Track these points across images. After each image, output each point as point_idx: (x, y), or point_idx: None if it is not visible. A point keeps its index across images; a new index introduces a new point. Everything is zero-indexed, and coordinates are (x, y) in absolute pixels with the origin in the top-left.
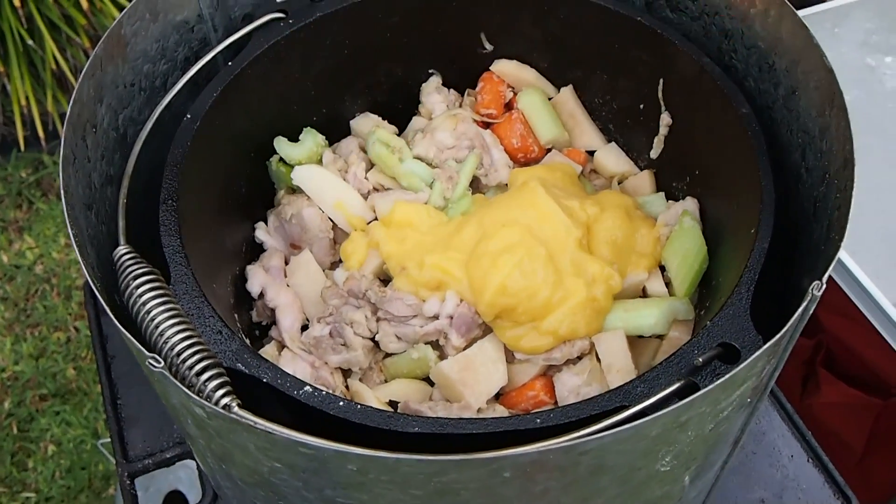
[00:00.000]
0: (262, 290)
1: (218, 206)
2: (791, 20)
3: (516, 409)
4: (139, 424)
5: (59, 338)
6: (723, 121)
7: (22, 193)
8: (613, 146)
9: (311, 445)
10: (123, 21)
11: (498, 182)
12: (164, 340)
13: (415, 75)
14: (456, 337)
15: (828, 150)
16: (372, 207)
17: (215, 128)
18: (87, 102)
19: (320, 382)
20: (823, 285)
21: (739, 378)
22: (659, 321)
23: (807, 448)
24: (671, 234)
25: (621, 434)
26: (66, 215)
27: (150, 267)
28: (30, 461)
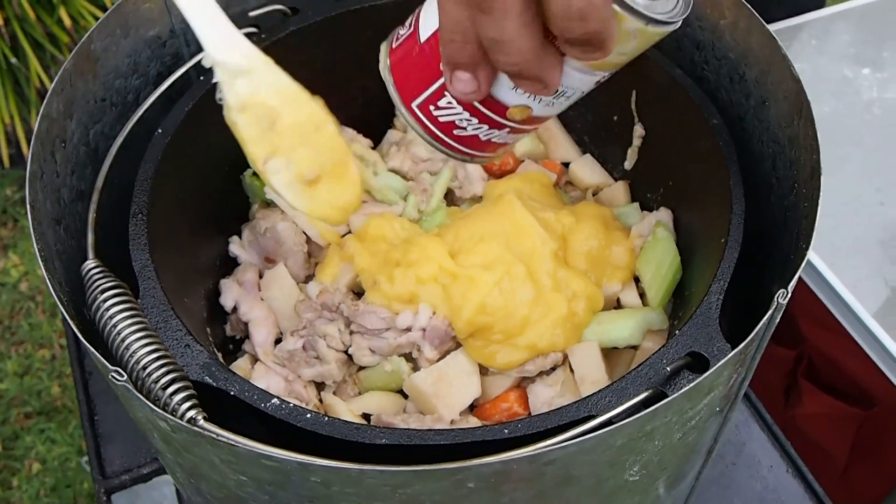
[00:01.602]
0: (235, 304)
1: (191, 221)
2: (759, 31)
3: (490, 420)
4: (116, 440)
5: (44, 355)
6: (695, 131)
7: (7, 211)
8: (588, 158)
9: (274, 458)
10: (94, 37)
11: (472, 195)
12: (130, 354)
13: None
14: (429, 349)
15: (796, 159)
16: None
17: (188, 142)
18: (56, 118)
19: (294, 396)
20: (788, 294)
21: (705, 387)
22: (633, 332)
23: (786, 459)
24: (645, 245)
25: (585, 444)
26: (32, 231)
27: (118, 281)
28: (14, 479)
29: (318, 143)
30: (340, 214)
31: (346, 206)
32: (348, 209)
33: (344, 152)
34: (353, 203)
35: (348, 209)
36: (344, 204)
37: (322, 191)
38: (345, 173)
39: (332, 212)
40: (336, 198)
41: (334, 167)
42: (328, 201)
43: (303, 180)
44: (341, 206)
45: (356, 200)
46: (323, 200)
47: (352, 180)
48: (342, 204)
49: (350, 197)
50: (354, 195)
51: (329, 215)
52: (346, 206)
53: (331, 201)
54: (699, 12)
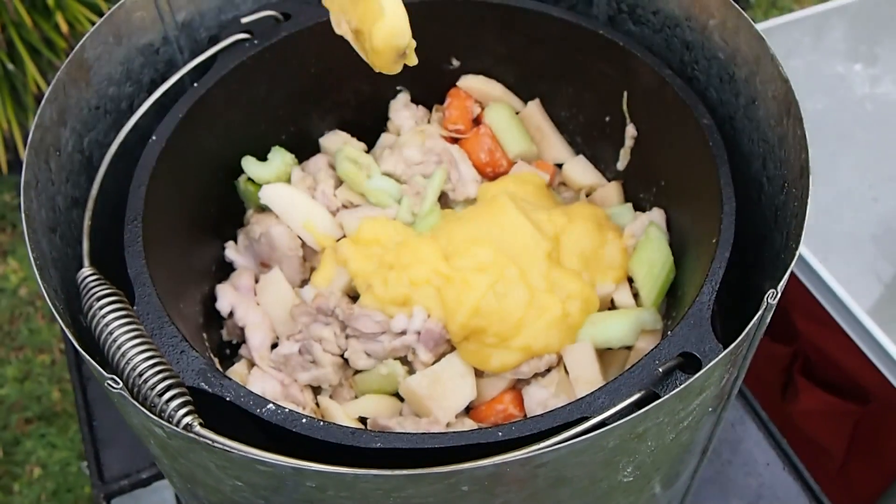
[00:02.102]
0: (231, 309)
1: (186, 226)
2: (747, 31)
3: (486, 422)
4: (115, 446)
5: (44, 360)
6: (686, 132)
7: (5, 217)
8: (581, 158)
9: (269, 463)
10: (86, 45)
11: (466, 197)
12: (126, 361)
13: (382, 92)
14: (424, 352)
15: (786, 158)
16: (340, 225)
17: (182, 148)
18: (49, 126)
19: (290, 400)
20: (778, 294)
21: (697, 387)
22: (627, 333)
23: (782, 456)
24: (638, 245)
25: (577, 445)
26: (27, 239)
27: (113, 288)
28: (15, 485)
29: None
30: (380, 59)
31: (381, 49)
32: (384, 51)
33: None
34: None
35: (384, 51)
36: (378, 45)
37: (364, 38)
38: (372, 10)
39: (375, 58)
40: (372, 41)
41: (364, 8)
42: (370, 49)
43: (354, 32)
44: (376, 49)
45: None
46: (367, 48)
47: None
48: (376, 46)
49: (378, 37)
50: (384, 33)
51: (375, 62)
52: (380, 48)
53: (371, 48)
54: (688, 13)
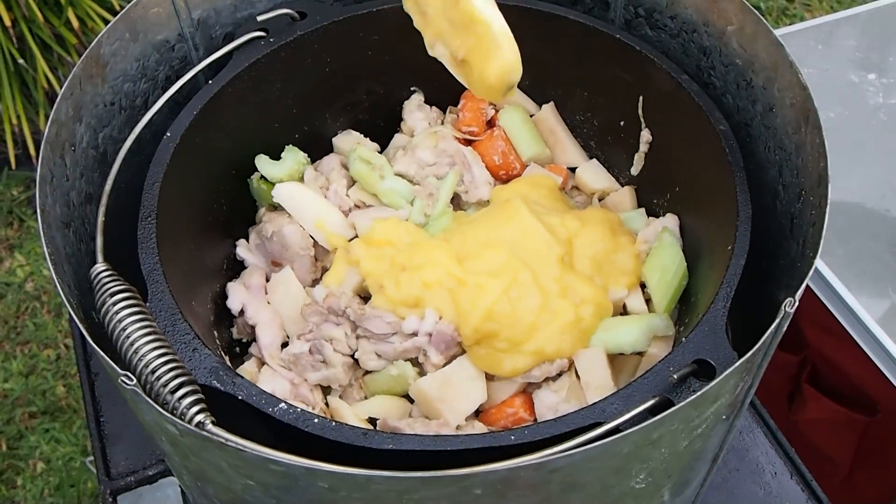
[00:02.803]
0: (242, 308)
1: (198, 224)
2: (766, 38)
3: (496, 426)
4: (122, 442)
5: (49, 355)
6: (701, 137)
7: (13, 211)
8: (594, 163)
9: (282, 462)
10: (103, 41)
11: (478, 199)
12: (139, 358)
13: (396, 93)
14: (435, 354)
15: (803, 166)
16: (352, 225)
17: (196, 146)
18: (65, 122)
19: (300, 399)
20: (796, 302)
21: (712, 395)
22: (639, 338)
23: (790, 465)
24: (651, 251)
25: (591, 451)
26: (42, 234)
27: (126, 285)
28: (18, 479)
29: (457, 19)
30: (490, 92)
31: (494, 84)
32: (497, 86)
33: (482, 25)
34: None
35: (497, 86)
36: (491, 81)
37: (473, 69)
38: (486, 47)
39: (484, 90)
40: (484, 75)
41: (477, 46)
42: (478, 80)
43: (456, 61)
44: (489, 84)
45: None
46: (475, 79)
47: (496, 53)
48: (489, 81)
49: (494, 73)
50: (499, 71)
51: (482, 92)
52: (494, 83)
53: (480, 79)
54: (706, 18)
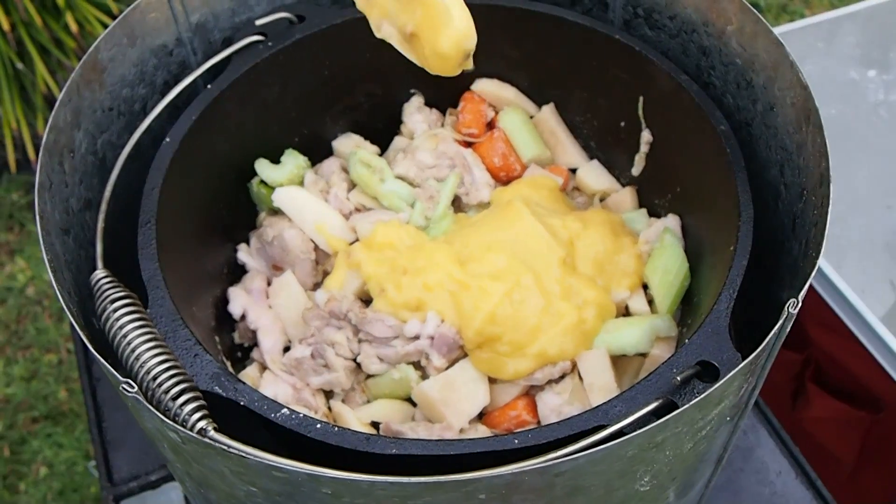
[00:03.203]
0: (243, 312)
1: (198, 229)
2: (766, 37)
3: (499, 428)
4: (124, 447)
5: (51, 360)
6: (702, 137)
7: (13, 216)
8: (595, 163)
9: (285, 469)
10: (100, 46)
11: (479, 201)
12: (140, 364)
13: (396, 95)
14: (437, 357)
15: (805, 166)
16: (353, 228)
17: (195, 150)
18: (63, 128)
19: (302, 404)
20: (799, 303)
21: (716, 396)
22: (641, 340)
23: (794, 464)
24: (653, 252)
25: (596, 455)
26: (41, 241)
27: (127, 291)
28: (21, 484)
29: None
30: (445, 63)
31: (449, 53)
32: (451, 55)
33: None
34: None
35: (451, 55)
36: (445, 50)
37: (422, 42)
38: (435, 18)
39: (438, 62)
40: (437, 45)
41: (425, 14)
42: (431, 52)
43: (405, 36)
44: (442, 54)
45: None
46: (426, 52)
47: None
48: (443, 51)
49: (447, 42)
50: (454, 38)
51: (436, 66)
52: (448, 52)
53: (433, 51)
54: (705, 18)
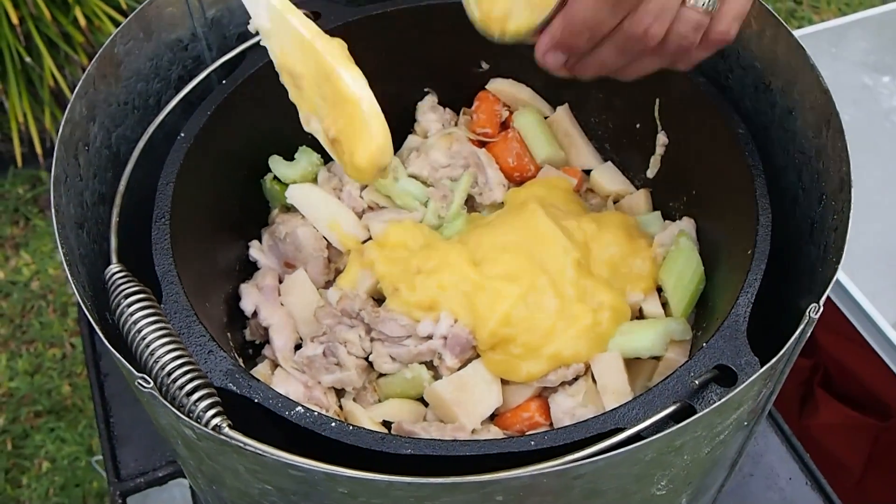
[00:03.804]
0: (255, 309)
1: (211, 225)
2: (787, 41)
3: (511, 430)
4: (132, 443)
5: (55, 354)
6: (719, 141)
7: (19, 210)
8: (609, 165)
9: (301, 467)
10: (117, 40)
11: (492, 201)
12: (155, 360)
13: (410, 94)
14: (450, 357)
15: (824, 170)
16: (366, 227)
17: (209, 146)
18: (79, 121)
19: (313, 402)
20: (821, 308)
21: (736, 401)
22: (656, 343)
23: (805, 470)
24: (667, 255)
25: (615, 458)
26: (56, 234)
27: (141, 286)
28: (23, 478)
29: (330, 96)
30: (360, 175)
31: (364, 168)
32: (366, 170)
33: (352, 104)
34: (369, 165)
35: (366, 170)
36: (361, 164)
37: (343, 149)
38: (356, 128)
39: (354, 172)
40: (353, 157)
41: (347, 122)
42: (349, 161)
43: (329, 139)
44: (358, 167)
45: (373, 159)
46: (346, 160)
47: (366, 136)
48: (358, 164)
49: (363, 156)
50: (368, 154)
51: (354, 175)
52: (363, 167)
53: (350, 161)
54: None
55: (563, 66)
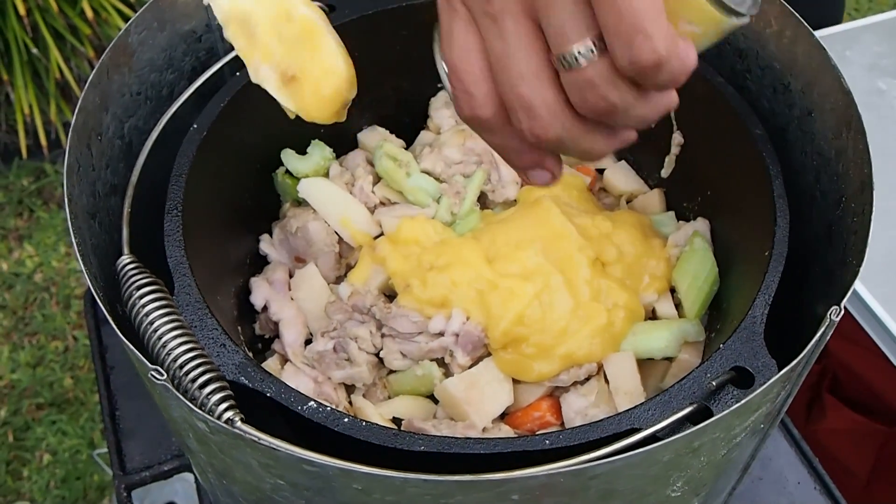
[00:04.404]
0: (265, 303)
1: (222, 218)
2: (807, 41)
3: (522, 429)
4: (137, 436)
5: (57, 347)
6: (736, 141)
7: (23, 202)
8: (623, 164)
9: (316, 463)
10: (131, 30)
11: (505, 199)
12: (167, 352)
13: (423, 90)
14: (461, 355)
15: (844, 173)
16: (378, 222)
17: (221, 139)
18: (92, 111)
19: (323, 397)
20: (842, 311)
21: (754, 403)
22: (669, 344)
23: (814, 475)
24: (682, 255)
25: (633, 458)
26: (69, 224)
27: (153, 277)
28: (25, 470)
29: (290, 35)
30: (323, 109)
31: (328, 98)
32: (331, 100)
33: (318, 35)
34: (334, 94)
35: (331, 100)
36: (327, 94)
37: (303, 85)
38: (320, 60)
39: (316, 107)
40: (315, 90)
41: (310, 56)
42: (310, 96)
43: (285, 79)
44: (323, 98)
45: (339, 90)
46: (305, 97)
47: (328, 67)
48: (325, 94)
49: (328, 86)
50: (332, 84)
51: (313, 112)
52: (329, 96)
53: (312, 95)
54: None
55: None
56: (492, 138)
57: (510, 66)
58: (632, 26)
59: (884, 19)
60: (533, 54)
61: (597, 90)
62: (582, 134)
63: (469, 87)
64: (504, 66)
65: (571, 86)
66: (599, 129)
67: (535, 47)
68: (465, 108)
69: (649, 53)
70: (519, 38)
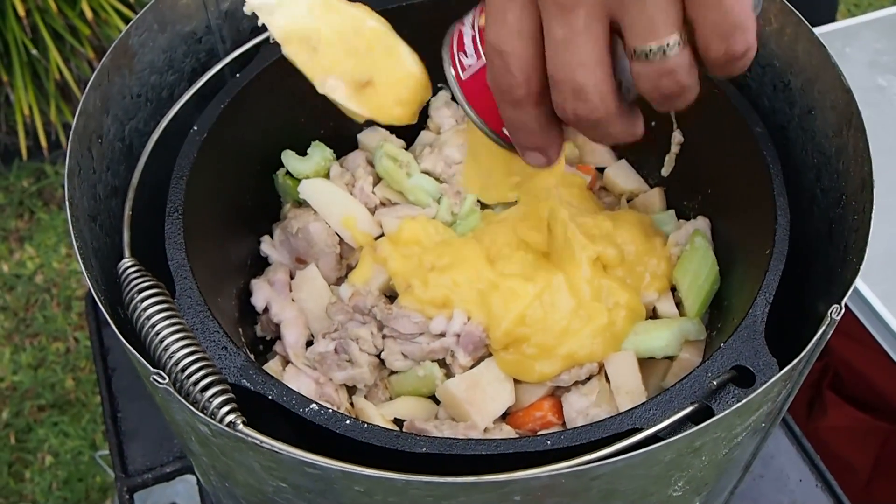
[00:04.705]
0: (266, 305)
1: (223, 219)
2: (807, 39)
3: (523, 429)
4: (139, 438)
5: (59, 348)
6: (736, 140)
7: (23, 203)
8: (623, 163)
9: (318, 465)
10: (131, 31)
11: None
12: (169, 355)
13: None
14: (463, 355)
15: (844, 170)
16: (378, 223)
17: (222, 140)
18: (93, 113)
19: (325, 399)
20: (842, 309)
21: (756, 402)
22: (670, 343)
23: (815, 472)
24: (682, 254)
25: (635, 459)
26: (70, 227)
27: (154, 280)
28: (27, 472)
29: (361, 45)
30: (405, 110)
31: (408, 100)
32: (411, 102)
33: (391, 43)
34: (413, 95)
35: (411, 102)
36: (405, 97)
37: (380, 90)
38: (396, 66)
39: (396, 109)
40: (395, 93)
41: (385, 63)
42: (390, 99)
43: (358, 86)
44: (402, 101)
45: (417, 91)
46: (383, 101)
47: (406, 71)
48: (403, 97)
49: (408, 89)
50: (411, 86)
51: (394, 114)
52: (407, 99)
53: (392, 98)
54: None
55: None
56: (513, 113)
57: (571, 53)
58: (733, 24)
59: (883, 16)
60: (597, 45)
61: (674, 76)
62: (617, 118)
63: (513, 68)
64: (564, 52)
65: (645, 75)
66: (631, 116)
67: (601, 39)
68: (503, 84)
69: (742, 45)
70: (588, 28)
